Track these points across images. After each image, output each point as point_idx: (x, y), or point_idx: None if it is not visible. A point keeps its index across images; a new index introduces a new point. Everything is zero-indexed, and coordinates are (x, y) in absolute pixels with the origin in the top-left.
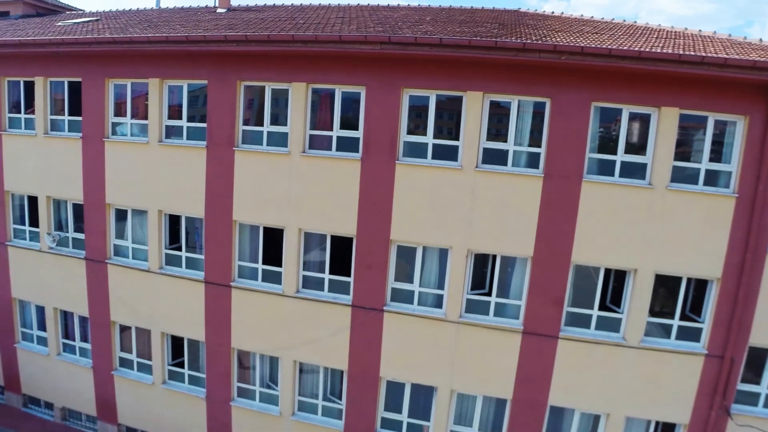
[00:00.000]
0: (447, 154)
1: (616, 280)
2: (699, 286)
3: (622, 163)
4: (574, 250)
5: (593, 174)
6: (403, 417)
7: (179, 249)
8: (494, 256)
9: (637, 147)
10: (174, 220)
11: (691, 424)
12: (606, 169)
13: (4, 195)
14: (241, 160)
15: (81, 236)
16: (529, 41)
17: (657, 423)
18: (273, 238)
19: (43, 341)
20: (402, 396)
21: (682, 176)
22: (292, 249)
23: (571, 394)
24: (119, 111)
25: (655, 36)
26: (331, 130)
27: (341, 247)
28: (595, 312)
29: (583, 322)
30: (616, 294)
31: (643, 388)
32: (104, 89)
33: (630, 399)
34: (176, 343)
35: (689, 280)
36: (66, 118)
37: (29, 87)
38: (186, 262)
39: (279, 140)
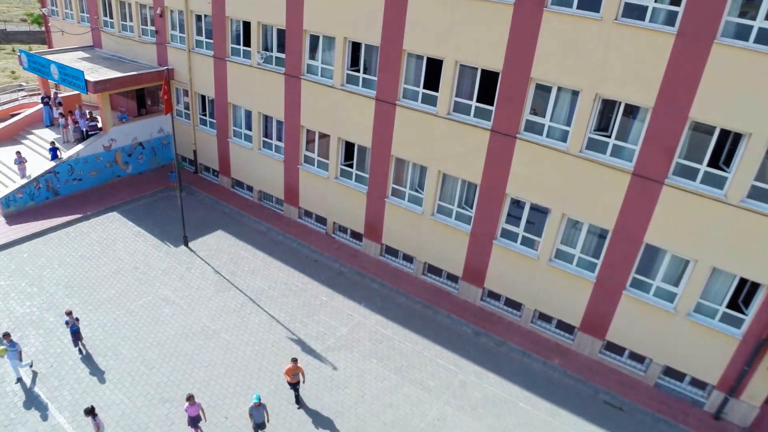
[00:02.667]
0: (590, 4)
1: (732, 143)
2: None
3: (760, 29)
4: (693, 107)
5: (727, 37)
6: (520, 230)
7: (358, 71)
8: (619, 103)
9: None
10: (355, 47)
11: None
12: (742, 33)
13: (225, 20)
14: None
15: (282, 56)
16: None
17: (742, 280)
18: (433, 67)
19: (248, 138)
20: (521, 213)
21: None
22: (448, 77)
23: (666, 237)
24: None
25: None
26: None
27: (488, 79)
28: (704, 167)
29: (690, 174)
30: (729, 155)
31: (735, 244)
32: None
33: (720, 252)
34: (348, 147)
35: None
36: None
37: None
38: (362, 81)
39: None
